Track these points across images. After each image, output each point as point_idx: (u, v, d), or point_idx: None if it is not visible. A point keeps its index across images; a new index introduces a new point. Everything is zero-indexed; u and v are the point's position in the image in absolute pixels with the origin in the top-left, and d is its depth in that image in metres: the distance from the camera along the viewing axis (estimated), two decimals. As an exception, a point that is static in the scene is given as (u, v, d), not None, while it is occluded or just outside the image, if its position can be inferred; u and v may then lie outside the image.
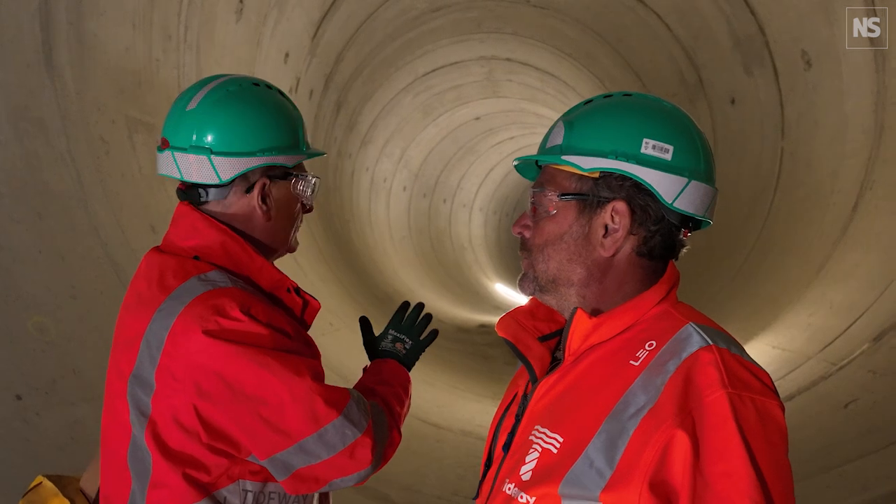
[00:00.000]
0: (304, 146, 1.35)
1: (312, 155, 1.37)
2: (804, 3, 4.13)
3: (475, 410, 5.40)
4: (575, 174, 0.97)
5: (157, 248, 1.31)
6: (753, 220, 5.14)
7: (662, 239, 0.97)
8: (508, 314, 1.08)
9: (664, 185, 0.93)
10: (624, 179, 0.94)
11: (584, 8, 6.39)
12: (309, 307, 1.33)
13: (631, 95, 1.01)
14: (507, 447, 0.99)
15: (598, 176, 0.96)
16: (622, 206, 0.95)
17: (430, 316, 1.57)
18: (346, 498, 3.17)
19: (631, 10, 5.78)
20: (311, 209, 1.40)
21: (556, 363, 1.02)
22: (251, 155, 1.25)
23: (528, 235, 1.03)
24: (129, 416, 1.17)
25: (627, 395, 0.87)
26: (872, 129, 3.92)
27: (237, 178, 1.25)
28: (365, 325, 1.55)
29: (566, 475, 0.85)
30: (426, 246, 12.74)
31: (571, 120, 1.00)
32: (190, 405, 1.12)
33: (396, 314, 1.56)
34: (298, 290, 1.31)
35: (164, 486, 1.14)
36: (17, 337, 2.37)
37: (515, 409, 1.03)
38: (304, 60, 5.83)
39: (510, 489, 0.92)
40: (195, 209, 1.28)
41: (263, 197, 1.29)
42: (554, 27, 7.04)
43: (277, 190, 1.31)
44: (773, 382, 0.87)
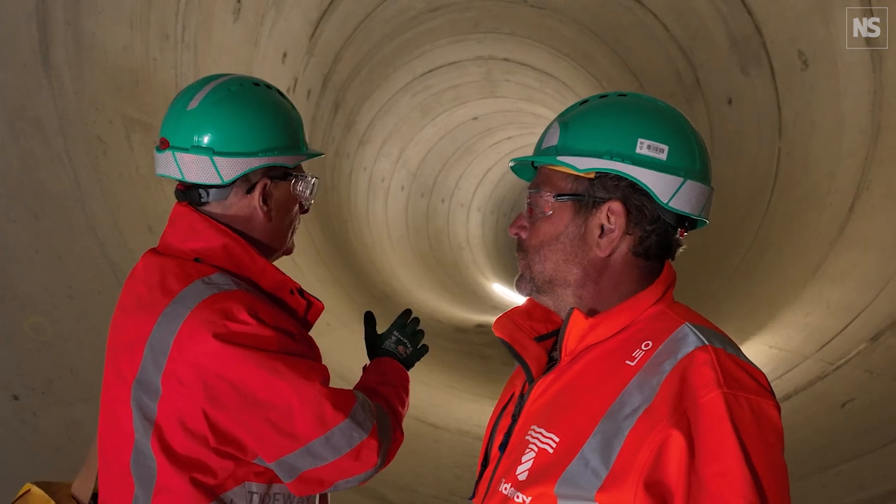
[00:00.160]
0: (304, 146, 1.35)
1: (312, 155, 1.37)
2: (801, 3, 4.14)
3: (472, 410, 5.40)
4: (570, 175, 0.98)
5: (153, 250, 1.30)
6: (750, 220, 5.14)
7: (658, 239, 0.97)
8: (505, 314, 1.08)
9: (660, 184, 0.93)
10: (619, 179, 0.95)
11: (581, 8, 6.39)
12: (313, 308, 1.32)
13: (626, 95, 1.01)
14: (503, 447, 0.99)
15: (593, 176, 0.96)
16: (618, 206, 0.95)
17: (423, 331, 1.60)
18: (343, 498, 3.17)
19: (628, 10, 5.79)
20: (308, 210, 1.40)
21: (552, 363, 1.02)
22: (253, 155, 1.24)
23: (524, 236, 1.03)
24: (131, 421, 1.15)
25: (623, 395, 0.87)
26: (869, 129, 3.92)
27: (238, 178, 1.24)
28: (370, 320, 1.57)
29: (562, 475, 0.85)
30: (424, 246, 12.73)
31: (567, 120, 1.00)
32: (198, 409, 1.12)
33: (400, 318, 1.58)
34: (302, 291, 1.31)
35: (169, 491, 1.13)
36: (13, 337, 2.36)
37: (512, 409, 1.03)
38: (301, 60, 5.83)
39: (506, 489, 0.92)
40: (194, 210, 1.27)
41: (264, 198, 1.28)
42: (551, 27, 7.05)
43: (278, 190, 1.31)
44: (768, 382, 0.87)
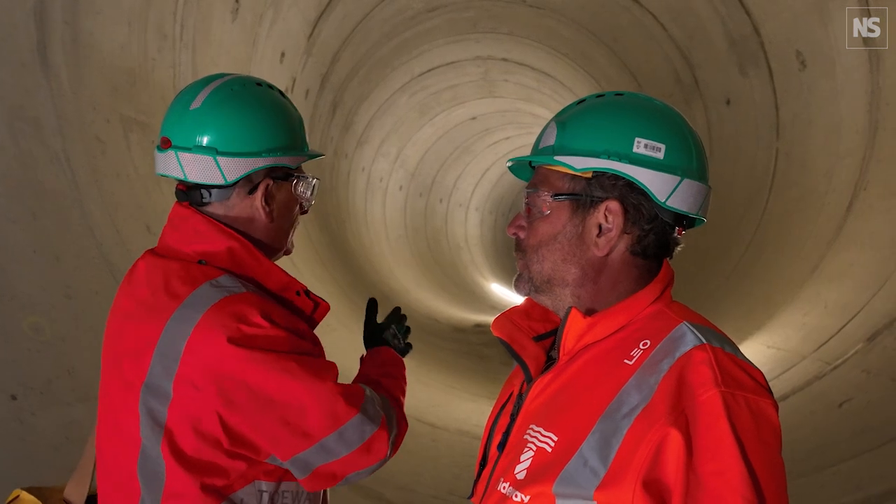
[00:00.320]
0: (305, 147, 1.35)
1: (313, 156, 1.37)
2: (799, 3, 4.15)
3: (471, 410, 5.40)
4: (568, 174, 0.98)
5: (152, 251, 1.28)
6: (748, 219, 5.15)
7: (656, 238, 0.97)
8: (503, 314, 1.08)
9: (657, 183, 0.93)
10: (617, 179, 0.95)
11: (579, 8, 6.39)
12: (319, 308, 1.33)
13: (623, 95, 1.01)
14: (501, 446, 0.99)
15: (590, 176, 0.96)
16: (615, 205, 0.95)
17: (410, 329, 1.66)
18: (343, 497, 3.17)
19: (626, 10, 5.79)
20: (307, 211, 1.40)
21: (551, 363, 1.02)
22: (257, 156, 1.24)
23: (522, 236, 1.03)
24: (138, 426, 1.14)
25: (621, 394, 0.87)
26: (867, 129, 3.93)
27: (241, 179, 1.24)
28: (372, 306, 1.61)
29: (560, 474, 0.85)
30: (422, 246, 12.73)
31: (564, 120, 1.01)
32: (213, 412, 1.11)
33: (395, 312, 1.63)
34: (308, 292, 1.31)
35: (179, 494, 1.13)
36: (12, 337, 2.36)
37: (511, 408, 1.04)
38: (300, 60, 5.82)
39: (505, 488, 0.92)
40: (196, 211, 1.26)
41: (267, 198, 1.28)
42: (550, 27, 7.05)
43: (279, 191, 1.31)
44: (766, 381, 0.88)
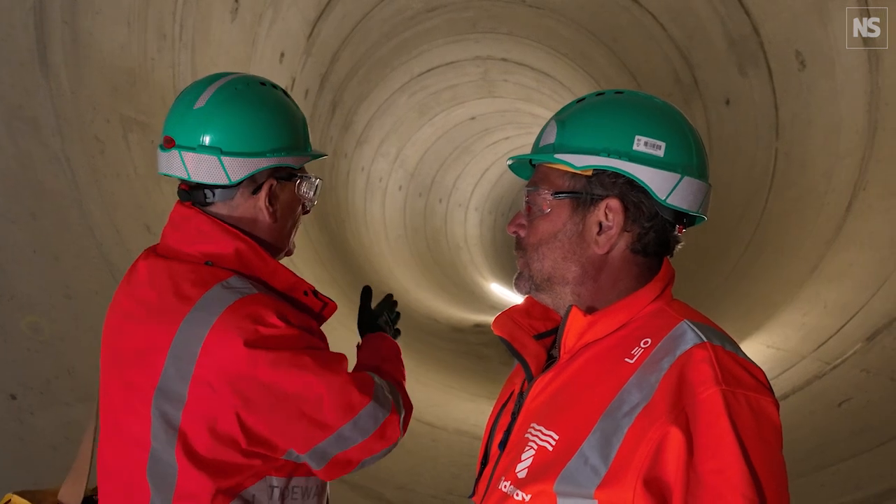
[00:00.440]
0: (309, 147, 1.35)
1: (317, 156, 1.37)
2: (798, 3, 4.15)
3: (470, 410, 5.41)
4: (568, 172, 0.98)
5: (154, 252, 1.27)
6: (748, 219, 5.15)
7: (657, 235, 0.97)
8: (504, 312, 1.08)
9: (657, 181, 0.93)
10: (617, 177, 0.95)
11: (579, 8, 6.39)
12: (327, 308, 1.34)
13: (623, 93, 1.01)
14: (503, 445, 0.99)
15: (591, 174, 0.96)
16: (616, 203, 0.95)
17: (400, 314, 1.72)
18: (342, 497, 3.17)
19: (626, 10, 5.79)
20: (309, 210, 1.39)
21: (551, 361, 1.02)
22: (261, 155, 1.23)
23: (522, 234, 1.03)
24: (148, 430, 1.14)
25: (622, 392, 0.87)
26: (866, 129, 3.93)
27: (245, 179, 1.24)
28: (366, 294, 1.66)
29: (561, 472, 0.85)
30: (422, 246, 12.73)
31: (564, 119, 1.00)
32: (231, 414, 1.12)
33: (387, 300, 1.69)
34: (316, 292, 1.31)
35: (192, 495, 1.13)
36: (11, 336, 2.36)
37: (512, 406, 1.04)
38: (299, 60, 5.82)
39: (506, 487, 0.92)
40: (200, 211, 1.25)
41: (270, 199, 1.28)
42: (549, 27, 7.05)
43: (283, 191, 1.30)
44: (767, 379, 0.87)
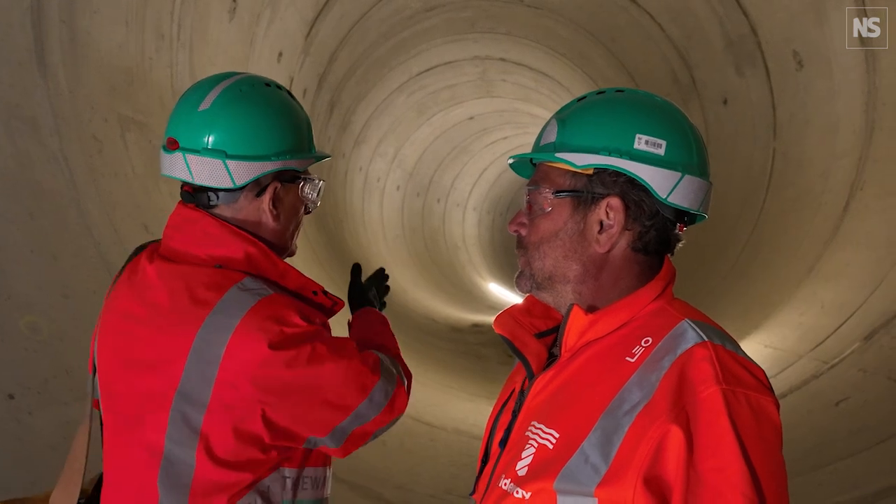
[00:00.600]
0: (312, 149, 1.35)
1: (320, 158, 1.36)
2: (796, 3, 4.15)
3: (468, 410, 5.41)
4: (569, 171, 0.98)
5: (158, 255, 1.26)
6: (745, 219, 5.15)
7: (657, 234, 0.97)
8: (505, 311, 1.08)
9: (658, 180, 0.93)
10: (618, 175, 0.95)
11: (577, 8, 6.40)
12: (336, 306, 1.36)
13: (623, 92, 1.01)
14: (503, 443, 0.99)
15: (591, 172, 0.96)
16: (616, 201, 0.95)
17: (389, 288, 1.81)
18: (342, 497, 3.17)
19: (624, 10, 5.80)
20: (311, 211, 1.39)
21: (552, 359, 1.02)
22: (266, 159, 1.23)
23: (523, 233, 1.03)
24: (163, 434, 1.14)
25: (623, 391, 0.87)
26: (863, 129, 3.94)
27: (250, 182, 1.23)
28: (356, 270, 1.73)
29: (562, 470, 0.85)
30: (420, 245, 12.73)
31: (564, 117, 1.01)
32: (257, 412, 1.14)
33: (379, 273, 1.76)
34: (325, 292, 1.33)
35: (208, 494, 1.14)
36: (9, 336, 2.36)
37: (512, 405, 1.04)
38: (297, 60, 5.82)
39: (506, 485, 0.92)
40: (206, 214, 1.25)
41: (274, 201, 1.28)
42: (548, 27, 7.05)
43: (287, 194, 1.30)
44: (767, 379, 0.88)
